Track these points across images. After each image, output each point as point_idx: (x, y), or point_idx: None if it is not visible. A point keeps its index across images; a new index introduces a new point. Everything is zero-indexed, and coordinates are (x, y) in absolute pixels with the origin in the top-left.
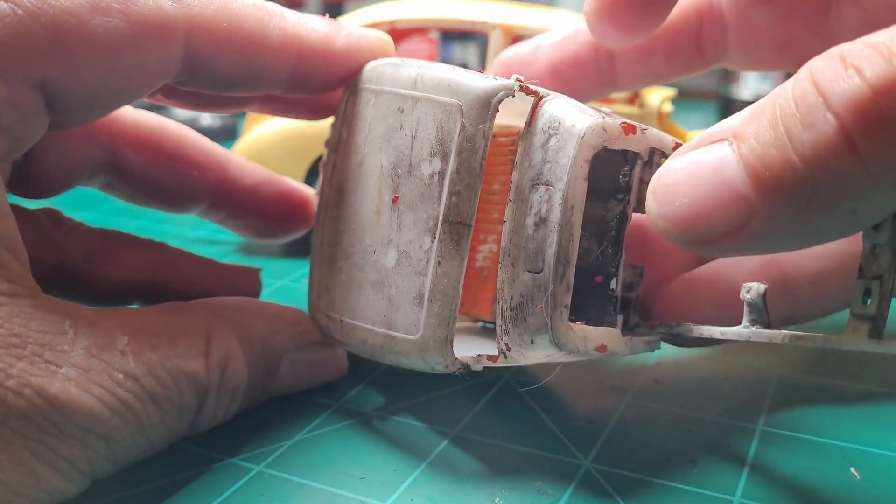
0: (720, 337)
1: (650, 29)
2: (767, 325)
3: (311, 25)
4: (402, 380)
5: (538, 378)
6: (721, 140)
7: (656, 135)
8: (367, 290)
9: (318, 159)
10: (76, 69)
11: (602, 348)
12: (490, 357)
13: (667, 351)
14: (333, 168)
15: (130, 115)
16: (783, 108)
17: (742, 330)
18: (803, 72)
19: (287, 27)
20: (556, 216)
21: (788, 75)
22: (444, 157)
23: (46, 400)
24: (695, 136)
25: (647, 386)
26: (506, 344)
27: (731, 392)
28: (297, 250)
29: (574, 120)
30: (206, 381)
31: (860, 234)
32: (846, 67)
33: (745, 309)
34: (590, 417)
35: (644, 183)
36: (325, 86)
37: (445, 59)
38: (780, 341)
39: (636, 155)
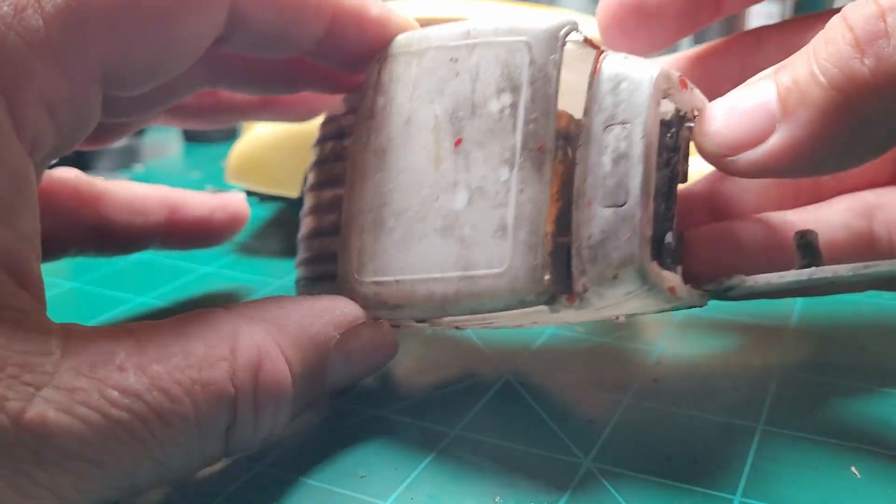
0: (778, 282)
1: (658, 42)
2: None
3: None
4: (402, 380)
5: (538, 378)
6: (769, 77)
7: (699, 95)
8: (433, 239)
9: None
10: (133, 51)
11: (672, 290)
12: (568, 298)
13: (667, 351)
14: (369, 135)
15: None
16: (817, 38)
17: (801, 271)
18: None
19: None
20: (637, 150)
21: None
22: (515, 90)
23: (20, 425)
24: None
25: (647, 386)
26: (583, 285)
27: (731, 391)
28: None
29: (641, 67)
30: (231, 390)
31: (869, 211)
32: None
33: (798, 254)
34: (590, 417)
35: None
36: (355, 52)
37: None
38: (846, 273)
39: (682, 118)
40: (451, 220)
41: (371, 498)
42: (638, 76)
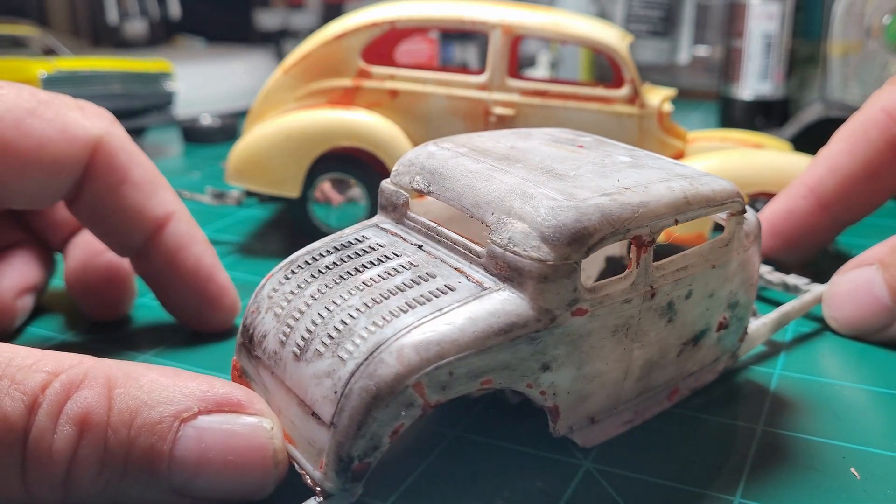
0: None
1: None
2: None
3: None
4: None
5: None
6: (871, 264)
7: None
8: (629, 171)
9: (318, 159)
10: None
11: None
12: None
13: None
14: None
15: None
16: None
17: None
18: None
19: None
20: None
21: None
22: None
23: None
24: (694, 136)
25: None
26: None
27: (731, 392)
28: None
29: None
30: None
31: None
32: None
33: None
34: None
35: None
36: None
37: (445, 59)
38: None
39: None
40: (632, 163)
41: (371, 499)
42: None
